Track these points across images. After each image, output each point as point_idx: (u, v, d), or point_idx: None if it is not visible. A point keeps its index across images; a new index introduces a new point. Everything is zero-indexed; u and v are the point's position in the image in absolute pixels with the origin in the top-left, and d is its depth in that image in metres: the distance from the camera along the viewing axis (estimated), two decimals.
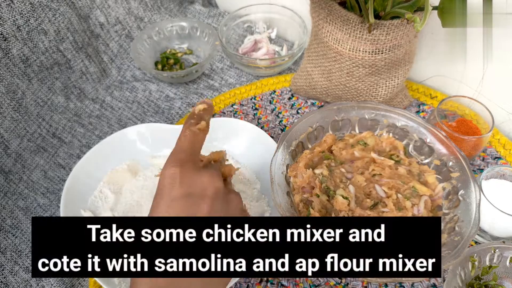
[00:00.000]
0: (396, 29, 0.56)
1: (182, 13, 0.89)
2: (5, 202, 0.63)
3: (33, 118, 0.69)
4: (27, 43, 0.67)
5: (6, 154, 0.66)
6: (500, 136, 0.66)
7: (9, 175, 0.65)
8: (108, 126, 0.72)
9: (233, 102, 0.74)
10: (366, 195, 0.52)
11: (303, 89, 0.71)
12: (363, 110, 0.57)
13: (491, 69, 0.64)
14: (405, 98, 0.70)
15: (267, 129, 0.70)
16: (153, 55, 0.81)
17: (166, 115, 0.73)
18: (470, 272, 0.49)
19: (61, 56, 0.73)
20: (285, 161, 0.53)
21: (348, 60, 0.60)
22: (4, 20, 0.64)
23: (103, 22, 0.79)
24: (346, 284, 0.54)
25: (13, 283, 0.56)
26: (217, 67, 0.81)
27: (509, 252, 0.49)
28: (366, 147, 0.57)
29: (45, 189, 0.65)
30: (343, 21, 0.57)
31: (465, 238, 0.45)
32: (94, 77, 0.78)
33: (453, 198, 0.51)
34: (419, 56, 0.70)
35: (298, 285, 0.55)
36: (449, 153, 0.53)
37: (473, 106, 0.61)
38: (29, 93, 0.69)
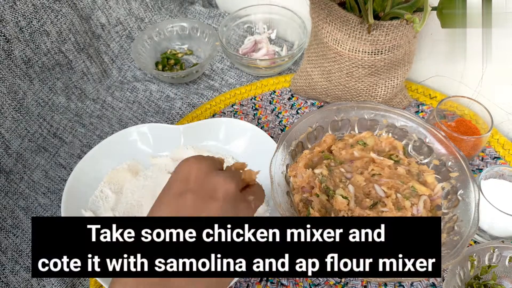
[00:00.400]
0: (395, 29, 0.56)
1: (183, 13, 0.89)
2: (6, 202, 0.63)
3: (34, 118, 0.70)
4: (29, 44, 0.67)
5: (7, 154, 0.66)
6: (499, 136, 0.66)
7: (10, 175, 0.66)
8: (109, 126, 0.72)
9: (233, 102, 0.74)
10: (366, 195, 0.52)
11: (303, 89, 0.72)
12: (363, 110, 0.57)
13: (490, 69, 0.64)
14: (405, 98, 0.70)
15: (267, 129, 0.70)
16: (154, 56, 0.81)
17: (166, 115, 0.73)
18: (469, 271, 0.49)
19: (63, 57, 0.73)
20: (285, 161, 0.53)
21: (348, 60, 0.60)
22: (7, 21, 0.64)
23: (104, 23, 0.79)
24: (345, 283, 0.54)
25: (14, 283, 0.56)
26: (217, 68, 0.81)
27: (508, 251, 0.49)
28: (365, 147, 0.57)
29: (46, 189, 0.65)
30: (342, 21, 0.58)
31: (464, 237, 0.45)
32: (95, 78, 0.78)
33: (452, 198, 0.51)
34: (418, 57, 0.70)
35: (298, 285, 0.55)
36: (448, 153, 0.53)
37: (472, 106, 0.61)
38: (30, 94, 0.69)
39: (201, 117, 0.72)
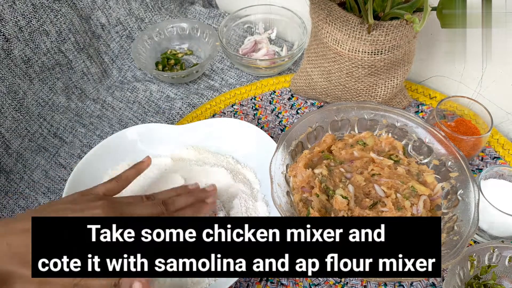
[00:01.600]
0: (395, 29, 0.56)
1: (183, 13, 0.89)
2: (6, 202, 0.63)
3: (34, 118, 0.70)
4: (28, 44, 0.67)
5: (7, 154, 0.66)
6: (499, 136, 0.66)
7: (10, 174, 0.66)
8: (109, 126, 0.72)
9: (233, 102, 0.74)
10: (365, 195, 0.52)
11: (302, 89, 0.72)
12: (363, 110, 0.57)
13: (490, 69, 0.64)
14: (404, 98, 0.70)
15: (267, 129, 0.70)
16: (154, 56, 0.82)
17: (166, 115, 0.73)
18: (469, 271, 0.49)
19: (63, 56, 0.73)
20: (285, 161, 0.53)
21: (348, 60, 0.60)
22: (6, 21, 0.64)
23: (104, 23, 0.79)
24: (345, 283, 0.54)
25: None
26: (218, 68, 0.81)
27: (508, 251, 0.49)
28: (365, 147, 0.57)
29: (46, 189, 0.65)
30: (342, 22, 0.58)
31: (464, 237, 0.45)
32: (95, 78, 0.78)
33: (452, 197, 0.51)
34: (418, 57, 0.70)
35: (297, 284, 0.55)
36: (448, 153, 0.53)
37: (472, 106, 0.61)
38: (31, 93, 0.69)
39: (201, 117, 0.72)
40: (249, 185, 0.60)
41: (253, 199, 0.58)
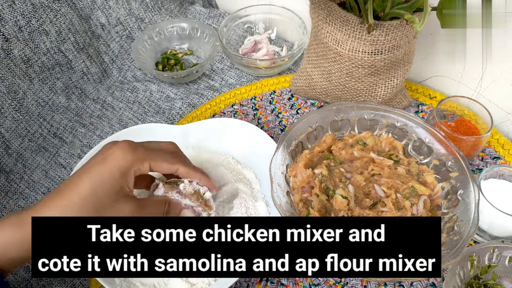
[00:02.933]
0: (395, 29, 0.56)
1: (183, 13, 0.89)
2: (6, 202, 0.63)
3: (34, 118, 0.70)
4: (28, 43, 0.67)
5: (7, 154, 0.66)
6: (499, 136, 0.66)
7: (10, 174, 0.66)
8: (109, 126, 0.72)
9: (233, 102, 0.74)
10: (366, 195, 0.52)
11: (302, 89, 0.72)
12: (363, 110, 0.57)
13: (490, 69, 0.64)
14: (404, 98, 0.70)
15: (267, 129, 0.70)
16: (154, 56, 0.81)
17: (166, 115, 0.73)
18: (469, 271, 0.49)
19: (63, 56, 0.73)
20: (285, 161, 0.53)
21: (348, 60, 0.60)
22: (6, 20, 0.64)
23: (104, 22, 0.79)
24: (345, 283, 0.54)
25: (14, 283, 0.56)
26: (218, 68, 0.81)
27: (508, 251, 0.49)
28: (365, 147, 0.57)
29: (46, 189, 0.65)
30: (342, 21, 0.58)
31: (464, 237, 0.45)
32: (95, 78, 0.78)
33: (452, 197, 0.51)
34: (418, 57, 0.70)
35: (297, 284, 0.55)
36: (448, 153, 0.53)
37: (472, 106, 0.61)
38: (30, 93, 0.69)
39: (201, 117, 0.72)
40: (249, 185, 0.60)
41: (253, 199, 0.58)
